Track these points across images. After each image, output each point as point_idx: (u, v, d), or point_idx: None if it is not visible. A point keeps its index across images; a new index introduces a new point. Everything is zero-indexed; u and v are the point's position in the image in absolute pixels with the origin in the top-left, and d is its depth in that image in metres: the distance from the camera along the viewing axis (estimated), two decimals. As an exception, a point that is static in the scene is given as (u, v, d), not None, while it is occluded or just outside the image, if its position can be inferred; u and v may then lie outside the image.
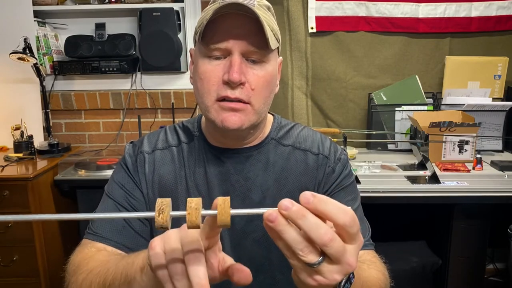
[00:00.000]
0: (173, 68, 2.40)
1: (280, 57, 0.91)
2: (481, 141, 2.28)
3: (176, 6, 2.36)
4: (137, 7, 2.35)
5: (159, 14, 2.30)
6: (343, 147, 1.89)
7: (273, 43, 0.80)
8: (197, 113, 2.38)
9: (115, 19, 2.46)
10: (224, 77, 0.79)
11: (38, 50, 2.35)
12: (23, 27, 2.27)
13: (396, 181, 1.86)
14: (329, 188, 0.92)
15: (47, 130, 2.34)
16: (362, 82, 2.44)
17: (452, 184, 1.81)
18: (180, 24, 2.37)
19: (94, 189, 1.97)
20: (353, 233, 0.49)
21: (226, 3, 0.77)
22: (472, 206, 1.84)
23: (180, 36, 2.35)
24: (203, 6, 2.37)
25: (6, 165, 2.04)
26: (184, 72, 2.45)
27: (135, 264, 0.62)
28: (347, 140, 1.97)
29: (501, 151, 2.31)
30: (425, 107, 2.32)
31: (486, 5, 2.34)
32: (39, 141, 2.35)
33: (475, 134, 2.08)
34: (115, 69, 2.39)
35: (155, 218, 0.49)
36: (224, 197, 0.50)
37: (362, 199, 0.97)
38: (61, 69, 2.41)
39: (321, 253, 0.49)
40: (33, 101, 2.39)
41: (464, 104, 2.21)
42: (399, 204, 1.88)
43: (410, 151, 2.26)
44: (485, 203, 1.84)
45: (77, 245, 0.86)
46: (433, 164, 1.98)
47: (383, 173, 1.97)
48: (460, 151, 2.09)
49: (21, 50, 2.09)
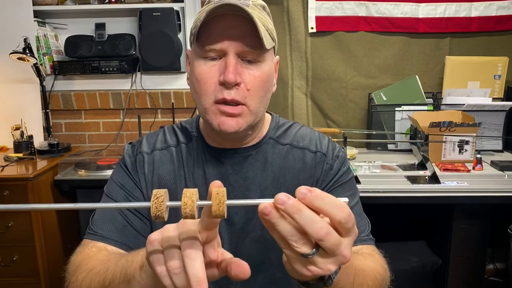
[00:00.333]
0: (173, 68, 2.40)
1: (277, 56, 0.91)
2: (481, 141, 2.28)
3: (176, 6, 2.36)
4: (137, 7, 2.36)
5: (159, 14, 2.30)
6: (343, 147, 1.89)
7: (268, 43, 0.80)
8: (197, 113, 2.38)
9: (115, 19, 2.46)
10: (220, 78, 0.79)
11: (38, 50, 2.35)
12: (23, 27, 2.27)
13: (396, 181, 1.86)
14: (327, 185, 0.92)
15: (47, 130, 2.34)
16: (362, 82, 2.44)
17: (452, 184, 1.81)
18: (180, 24, 2.37)
19: (94, 189, 1.97)
20: (349, 228, 0.50)
21: (220, 4, 0.77)
22: (472, 206, 1.84)
23: (180, 36, 2.35)
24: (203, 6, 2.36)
25: (6, 165, 2.04)
26: (184, 72, 2.45)
27: (135, 262, 0.62)
28: (347, 140, 1.96)
29: (501, 151, 2.31)
30: (425, 107, 2.32)
31: (486, 5, 2.34)
32: (39, 141, 2.35)
33: (475, 134, 2.07)
34: (115, 69, 2.39)
35: (151, 208, 0.49)
36: (220, 188, 0.49)
37: (362, 199, 0.97)
38: (61, 69, 2.41)
39: (315, 245, 0.50)
40: (33, 101, 2.39)
41: (464, 104, 2.21)
42: (399, 204, 1.88)
43: (410, 151, 2.26)
44: (485, 203, 1.84)
45: (78, 245, 0.86)
46: (433, 164, 1.98)
47: (383, 173, 1.97)
48: (460, 151, 2.09)
49: (21, 50, 2.09)
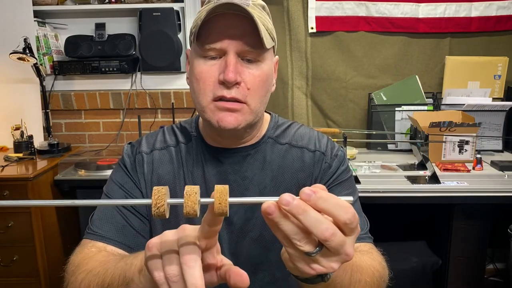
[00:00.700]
0: (173, 68, 2.40)
1: (277, 56, 0.91)
2: (481, 141, 2.28)
3: (176, 6, 2.36)
4: (137, 7, 2.36)
5: (159, 14, 2.30)
6: (343, 147, 1.89)
7: (268, 42, 0.80)
8: (197, 113, 2.38)
9: (115, 19, 2.46)
10: (220, 77, 0.79)
11: (38, 50, 2.35)
12: (23, 27, 2.27)
13: (396, 181, 1.86)
14: (326, 183, 0.92)
15: (47, 130, 2.34)
16: (362, 82, 2.44)
17: (452, 184, 1.81)
18: (180, 24, 2.37)
19: (94, 189, 1.97)
20: (353, 228, 0.50)
21: (220, 3, 0.76)
22: (472, 206, 1.84)
23: (180, 36, 2.35)
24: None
25: (6, 165, 2.04)
26: (184, 72, 2.45)
27: (133, 266, 0.62)
28: (347, 140, 1.96)
29: (501, 151, 2.31)
30: (425, 107, 2.32)
31: (486, 5, 2.34)
32: (39, 141, 2.35)
33: (475, 134, 2.07)
34: (115, 69, 2.39)
35: (152, 206, 0.48)
36: (223, 185, 0.49)
37: (362, 199, 0.97)
38: (61, 69, 2.41)
39: (318, 243, 0.50)
40: (33, 101, 2.39)
41: (464, 104, 2.21)
42: (399, 204, 1.88)
43: (410, 151, 2.26)
44: (485, 203, 1.84)
45: (77, 245, 0.86)
46: (433, 164, 1.98)
47: (383, 173, 1.97)
48: (460, 151, 2.09)
49: (21, 50, 2.09)
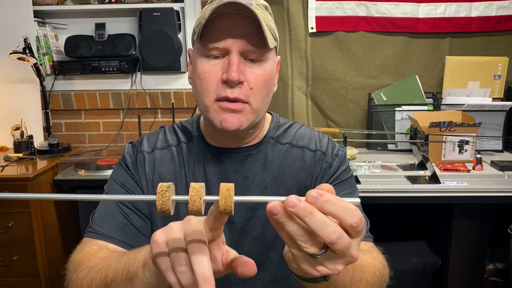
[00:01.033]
0: (173, 68, 2.40)
1: (278, 56, 0.91)
2: (481, 141, 2.28)
3: (176, 6, 2.36)
4: (137, 7, 2.36)
5: (159, 14, 2.30)
6: (343, 147, 1.89)
7: (271, 42, 0.80)
8: (197, 113, 2.38)
9: (115, 19, 2.46)
10: (223, 76, 0.79)
11: (38, 50, 2.35)
12: (23, 27, 2.27)
13: (396, 181, 1.86)
14: (326, 183, 0.92)
15: (47, 130, 2.34)
16: (362, 82, 2.44)
17: (452, 184, 1.81)
18: (180, 24, 2.37)
19: (94, 189, 1.98)
20: (359, 230, 0.50)
21: (224, 3, 0.76)
22: (472, 206, 1.84)
23: (180, 36, 2.35)
24: (203, 6, 2.36)
25: (6, 165, 2.04)
26: (184, 72, 2.45)
27: (137, 260, 0.62)
28: (347, 140, 1.96)
29: (501, 151, 2.31)
30: (425, 107, 2.32)
31: (486, 5, 2.34)
32: (39, 141, 2.35)
33: (475, 134, 2.07)
34: (115, 69, 2.39)
35: (156, 202, 0.48)
36: (228, 183, 0.49)
37: (362, 199, 0.96)
38: (61, 69, 2.41)
39: (324, 245, 0.50)
40: (33, 101, 2.39)
41: (464, 104, 2.21)
42: (399, 204, 1.88)
43: (410, 151, 2.26)
44: (485, 203, 1.84)
45: (78, 244, 0.86)
46: (433, 164, 1.98)
47: (383, 173, 1.97)
48: (460, 151, 2.09)
49: (21, 50, 2.09)
